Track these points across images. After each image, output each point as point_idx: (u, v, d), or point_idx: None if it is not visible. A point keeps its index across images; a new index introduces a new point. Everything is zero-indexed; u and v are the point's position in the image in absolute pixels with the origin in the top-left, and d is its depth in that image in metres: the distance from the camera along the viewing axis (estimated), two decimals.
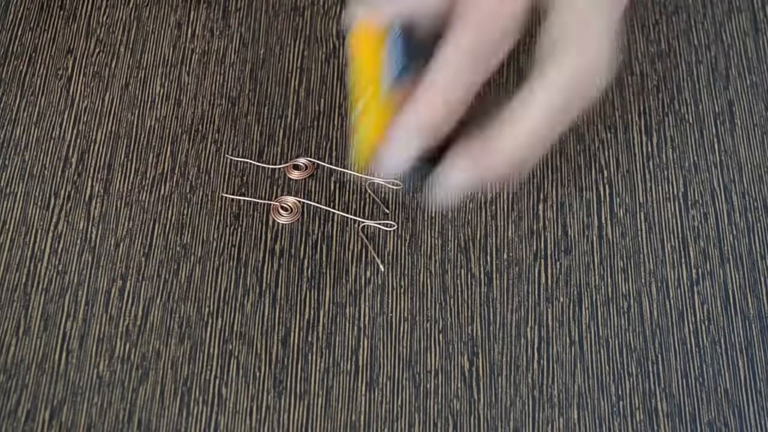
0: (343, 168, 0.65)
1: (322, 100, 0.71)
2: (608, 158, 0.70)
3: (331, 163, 0.69)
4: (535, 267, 0.66)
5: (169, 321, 0.64)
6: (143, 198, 0.68)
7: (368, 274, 0.66)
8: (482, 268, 0.66)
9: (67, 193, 0.68)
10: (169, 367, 0.63)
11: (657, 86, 0.73)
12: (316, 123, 0.71)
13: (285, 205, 0.67)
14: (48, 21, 0.75)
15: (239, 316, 0.64)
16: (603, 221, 0.68)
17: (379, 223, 0.66)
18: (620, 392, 0.63)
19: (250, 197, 0.67)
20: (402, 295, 0.65)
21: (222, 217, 0.68)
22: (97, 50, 0.74)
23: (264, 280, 0.65)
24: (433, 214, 0.68)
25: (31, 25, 0.74)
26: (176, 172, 0.69)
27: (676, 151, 0.71)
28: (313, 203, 0.68)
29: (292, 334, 0.64)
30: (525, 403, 0.62)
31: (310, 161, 0.67)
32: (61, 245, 0.66)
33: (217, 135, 0.70)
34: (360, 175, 0.67)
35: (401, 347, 0.64)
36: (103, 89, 0.72)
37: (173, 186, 0.69)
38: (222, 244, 0.67)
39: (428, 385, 0.63)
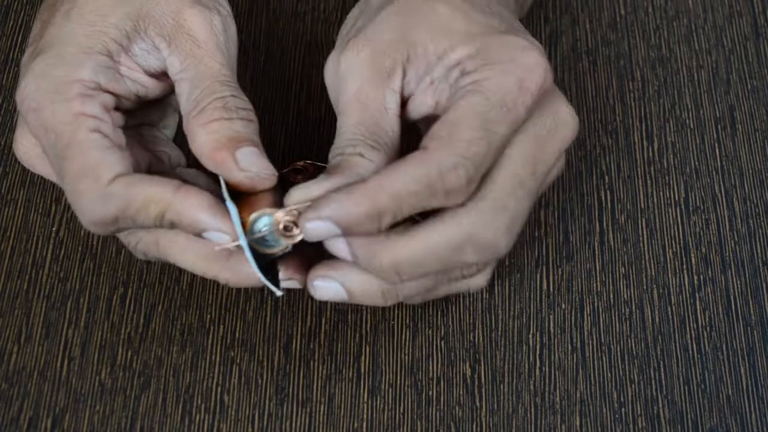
0: None
1: (323, 106, 0.71)
2: (609, 164, 0.70)
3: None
4: (537, 273, 0.66)
5: (171, 328, 0.64)
6: None
7: None
8: None
9: (68, 201, 0.68)
10: (171, 375, 0.63)
11: (658, 91, 0.73)
12: (317, 129, 0.71)
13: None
14: None
15: (241, 323, 0.64)
16: (604, 227, 0.68)
17: None
18: (622, 399, 0.63)
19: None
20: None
21: None
22: None
23: (265, 287, 0.65)
24: None
25: None
26: None
27: (677, 156, 0.71)
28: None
29: (294, 341, 0.64)
30: (527, 410, 0.62)
31: (309, 163, 0.67)
32: (62, 252, 0.66)
33: None
34: None
35: (403, 354, 0.64)
36: None
37: None
38: None
39: (430, 392, 0.63)
